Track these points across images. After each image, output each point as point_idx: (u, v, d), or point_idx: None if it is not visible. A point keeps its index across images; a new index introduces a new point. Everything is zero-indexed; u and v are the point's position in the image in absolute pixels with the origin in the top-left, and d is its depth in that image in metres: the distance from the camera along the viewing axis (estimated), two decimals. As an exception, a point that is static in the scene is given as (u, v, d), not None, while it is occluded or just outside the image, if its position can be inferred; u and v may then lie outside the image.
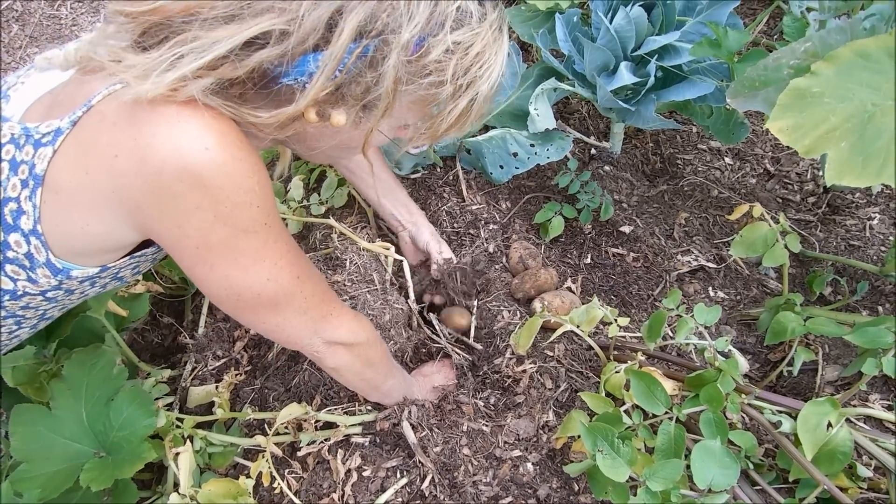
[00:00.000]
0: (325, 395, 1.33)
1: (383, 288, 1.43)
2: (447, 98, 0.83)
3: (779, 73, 1.08)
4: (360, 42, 0.75)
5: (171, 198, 0.76)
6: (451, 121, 0.85)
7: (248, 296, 0.88)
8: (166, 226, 0.80)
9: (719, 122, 1.59)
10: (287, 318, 0.95)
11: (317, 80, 0.75)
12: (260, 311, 0.92)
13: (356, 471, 1.20)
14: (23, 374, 1.27)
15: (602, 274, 1.54)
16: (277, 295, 0.90)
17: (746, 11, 2.16)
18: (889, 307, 1.45)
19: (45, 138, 0.81)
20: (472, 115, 0.87)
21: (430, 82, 0.80)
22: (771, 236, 1.31)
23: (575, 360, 1.34)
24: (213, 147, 0.75)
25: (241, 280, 0.86)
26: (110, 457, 1.16)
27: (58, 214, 0.83)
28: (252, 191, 0.80)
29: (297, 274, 0.91)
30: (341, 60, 0.75)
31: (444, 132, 0.89)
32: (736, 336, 1.44)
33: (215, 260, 0.83)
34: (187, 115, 0.75)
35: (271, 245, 0.86)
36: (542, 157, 1.61)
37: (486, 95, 0.86)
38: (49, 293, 0.93)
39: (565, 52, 1.55)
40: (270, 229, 0.85)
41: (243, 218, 0.81)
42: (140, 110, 0.75)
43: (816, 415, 1.04)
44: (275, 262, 0.87)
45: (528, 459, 1.20)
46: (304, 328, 0.98)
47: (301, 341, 1.00)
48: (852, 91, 0.95)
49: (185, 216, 0.78)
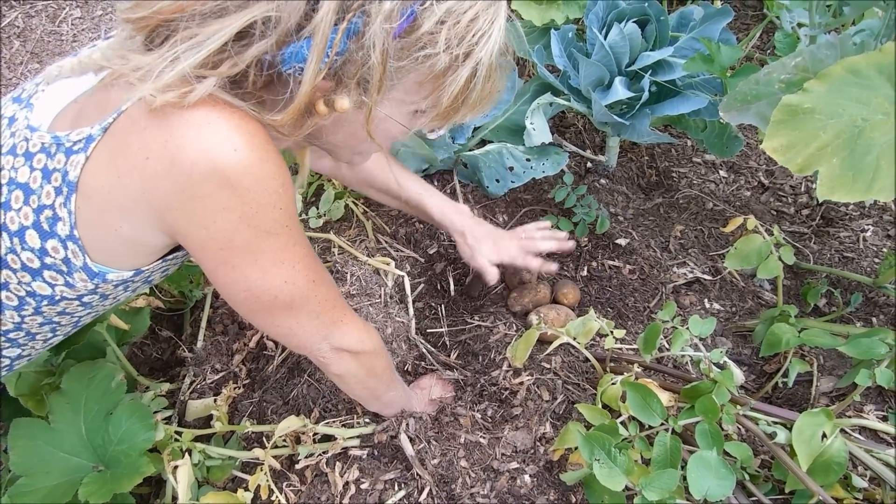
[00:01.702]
0: (323, 407, 1.33)
1: (384, 301, 1.44)
2: (445, 70, 0.81)
3: (770, 88, 1.10)
4: (343, 18, 0.74)
5: (200, 198, 0.78)
6: (454, 94, 0.82)
7: (265, 298, 0.89)
8: (194, 226, 0.81)
9: (713, 136, 1.61)
10: (300, 322, 0.95)
11: (310, 64, 0.74)
12: (275, 313, 0.93)
13: (354, 483, 1.20)
14: (26, 384, 1.28)
15: (598, 286, 1.56)
16: (293, 298, 0.91)
17: (740, 27, 2.19)
18: (883, 318, 1.47)
19: (76, 146, 0.82)
20: (478, 89, 0.84)
21: (425, 55, 0.78)
22: (765, 248, 1.32)
23: (571, 373, 1.34)
24: (242, 148, 0.76)
25: (260, 281, 0.87)
26: (109, 471, 1.16)
27: (92, 219, 0.84)
28: (276, 192, 0.81)
29: (312, 278, 0.92)
30: (328, 40, 0.74)
31: (452, 111, 0.86)
32: (732, 347, 1.45)
33: (237, 261, 0.85)
34: (216, 118, 0.76)
35: (291, 248, 0.87)
36: (538, 171, 1.63)
37: (489, 66, 0.83)
38: (85, 297, 0.94)
39: (561, 67, 1.57)
40: (291, 232, 0.86)
41: (267, 219, 0.82)
42: (171, 114, 0.76)
43: (811, 426, 1.05)
44: (293, 265, 0.88)
45: (525, 471, 1.21)
46: (315, 332, 0.99)
47: (311, 346, 1.01)
48: (843, 107, 0.96)
49: (213, 217, 0.80)
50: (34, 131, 0.86)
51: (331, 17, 0.73)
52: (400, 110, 0.87)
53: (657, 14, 1.46)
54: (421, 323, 1.49)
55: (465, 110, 0.87)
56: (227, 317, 1.57)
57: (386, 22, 0.74)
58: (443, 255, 1.60)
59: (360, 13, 0.74)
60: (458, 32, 0.78)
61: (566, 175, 1.63)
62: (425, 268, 1.60)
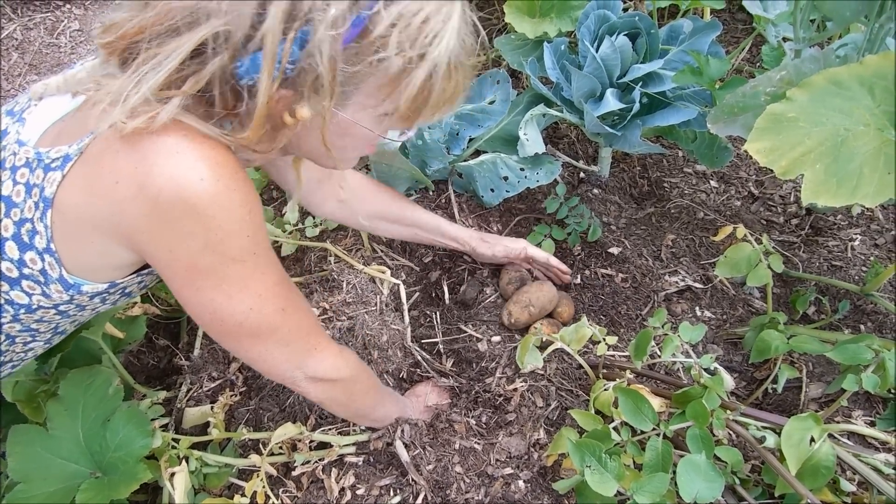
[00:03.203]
0: (319, 414, 1.34)
1: (380, 309, 1.46)
2: (400, 73, 0.82)
3: (756, 100, 1.12)
4: (291, 27, 0.75)
5: (166, 223, 0.80)
6: (411, 96, 0.83)
7: (230, 322, 0.91)
8: (159, 249, 0.84)
9: (703, 147, 1.64)
10: (268, 349, 0.97)
11: (262, 74, 0.76)
12: (242, 339, 0.94)
13: (350, 489, 1.21)
14: (22, 391, 1.28)
15: (591, 294, 1.58)
16: (259, 325, 0.93)
17: (730, 39, 2.22)
18: (871, 326, 1.49)
19: (54, 163, 0.85)
20: (438, 90, 0.84)
21: (378, 59, 0.79)
22: (754, 257, 1.34)
23: (565, 379, 1.36)
24: (208, 178, 0.79)
25: (224, 306, 0.89)
26: (106, 477, 1.17)
27: (67, 234, 0.87)
28: (243, 220, 0.83)
29: (281, 306, 0.93)
30: (277, 50, 0.75)
31: (414, 112, 0.87)
32: (722, 354, 1.47)
33: (202, 284, 0.87)
34: (185, 146, 0.79)
35: (258, 275, 0.89)
36: (532, 180, 1.65)
37: (448, 66, 0.83)
38: (61, 307, 0.96)
39: (553, 79, 1.60)
40: (259, 259, 0.88)
41: (233, 246, 0.84)
42: (142, 139, 0.79)
43: (800, 430, 1.07)
44: (259, 293, 0.90)
45: (519, 477, 1.22)
46: (285, 361, 1.00)
47: (283, 374, 1.02)
48: (826, 116, 0.99)
49: (177, 241, 0.82)
50: (22, 146, 0.89)
51: (277, 28, 0.75)
52: (366, 115, 0.88)
53: (647, 27, 1.50)
54: (416, 331, 1.51)
55: (428, 111, 0.88)
56: (224, 325, 1.58)
57: (331, 28, 0.75)
58: (437, 264, 1.62)
59: (306, 22, 0.75)
60: (411, 35, 0.79)
61: (559, 186, 1.66)
62: (420, 276, 1.61)
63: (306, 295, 1.54)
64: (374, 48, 0.79)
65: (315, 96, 0.80)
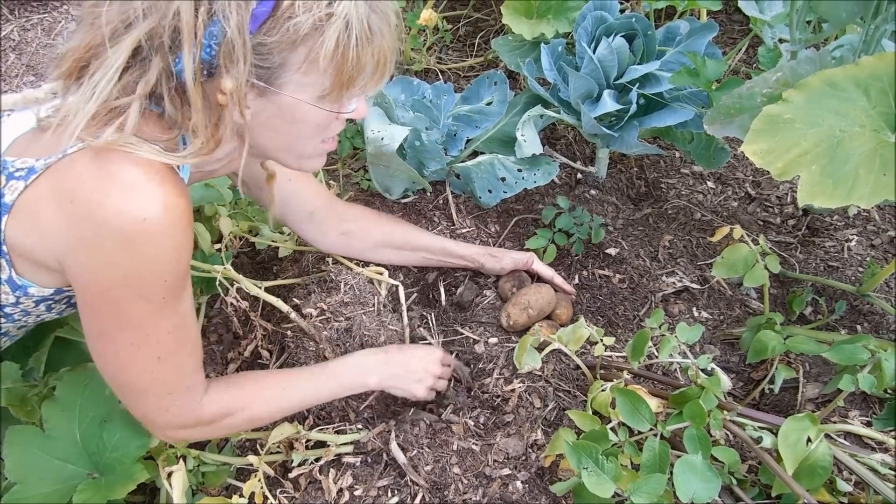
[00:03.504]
0: (317, 415, 1.34)
1: (378, 310, 1.46)
2: (312, 33, 0.86)
3: (752, 101, 1.13)
4: (200, 7, 0.81)
5: (100, 249, 0.88)
6: (329, 54, 0.87)
7: (109, 349, 0.98)
8: (85, 268, 0.91)
9: (700, 148, 1.64)
10: (128, 386, 1.02)
11: (184, 55, 0.82)
12: (110, 367, 1.01)
13: (348, 490, 1.21)
14: (14, 396, 1.28)
15: (589, 295, 1.58)
16: (131, 362, 0.98)
17: (727, 41, 2.23)
18: (867, 326, 1.49)
19: (18, 173, 0.90)
20: (358, 52, 0.88)
21: (292, 24, 0.84)
22: (751, 257, 1.35)
23: (562, 380, 1.36)
24: (152, 220, 0.86)
25: (112, 333, 0.96)
26: (103, 477, 1.17)
27: (18, 239, 0.92)
28: (167, 263, 0.91)
29: (159, 355, 0.99)
30: (192, 30, 0.81)
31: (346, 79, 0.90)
32: (719, 355, 1.47)
33: (105, 308, 0.94)
34: (142, 184, 0.86)
35: (155, 318, 0.95)
36: (530, 181, 1.66)
37: (362, 25, 0.87)
38: (7, 308, 1.01)
39: (551, 80, 1.60)
40: (165, 304, 0.94)
41: (147, 285, 0.91)
42: (105, 169, 0.85)
43: (796, 430, 1.07)
44: (147, 334, 0.96)
45: (517, 478, 1.22)
46: (136, 404, 1.06)
47: (133, 413, 1.08)
48: (822, 117, 1.00)
49: (104, 267, 0.89)
50: None
51: (188, 13, 0.81)
52: (304, 94, 0.92)
53: (644, 29, 1.50)
54: (414, 332, 1.51)
55: (360, 79, 0.92)
56: (222, 326, 1.59)
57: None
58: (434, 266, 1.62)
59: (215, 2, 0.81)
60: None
61: (560, 198, 1.64)
62: (417, 278, 1.61)
63: (303, 296, 1.55)
64: (287, 15, 0.84)
65: (232, 65, 0.84)
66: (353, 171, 1.86)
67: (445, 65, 2.20)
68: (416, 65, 2.13)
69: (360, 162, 1.89)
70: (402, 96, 1.75)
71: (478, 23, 2.34)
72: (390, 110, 1.64)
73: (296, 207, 1.39)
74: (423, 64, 2.13)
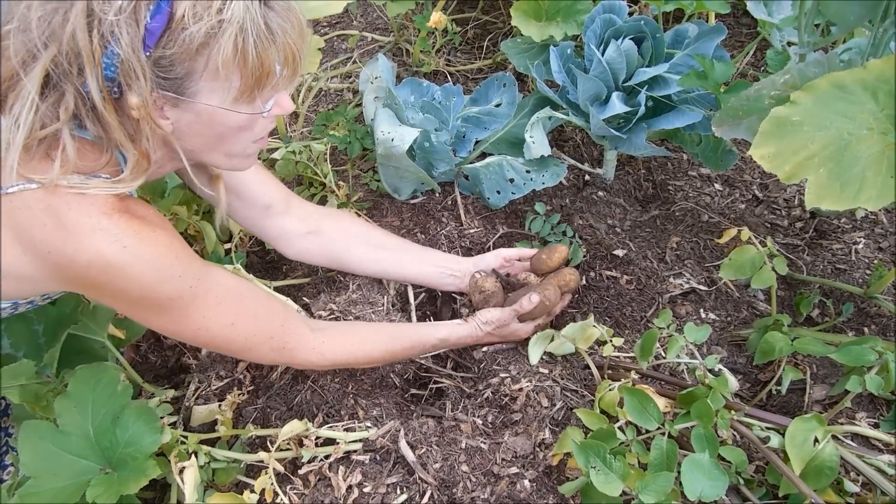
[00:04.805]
0: (326, 413, 1.36)
1: (386, 309, 1.47)
2: (208, 41, 0.87)
3: (760, 104, 1.14)
4: (93, 30, 0.83)
5: (99, 286, 0.94)
6: (228, 59, 0.87)
7: (187, 336, 1.06)
8: (103, 300, 0.99)
9: (708, 150, 1.65)
10: (243, 353, 1.12)
11: (89, 79, 0.84)
12: (207, 346, 1.14)
13: (357, 487, 1.22)
14: (29, 393, 1.30)
15: (597, 296, 1.58)
16: (213, 339, 1.06)
17: (734, 44, 2.24)
18: (874, 328, 1.50)
19: None
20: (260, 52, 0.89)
21: (188, 34, 0.85)
22: (758, 259, 1.35)
23: (570, 380, 1.37)
24: (131, 244, 0.91)
25: (175, 328, 1.03)
26: (116, 473, 1.18)
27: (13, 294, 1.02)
28: (170, 265, 0.95)
29: (230, 321, 1.05)
30: (91, 55, 0.83)
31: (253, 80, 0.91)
32: (726, 356, 1.48)
33: (150, 316, 1.01)
34: (105, 223, 0.90)
35: (197, 303, 1.01)
36: (538, 182, 1.67)
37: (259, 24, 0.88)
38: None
39: (559, 82, 1.61)
40: (195, 290, 1.00)
41: (165, 291, 0.96)
42: (66, 218, 0.89)
43: (803, 430, 1.08)
44: (202, 315, 1.02)
45: (525, 476, 1.23)
46: (264, 358, 1.17)
47: (266, 363, 1.20)
48: (829, 120, 1.00)
49: (113, 296, 0.96)
50: None
51: (83, 30, 0.82)
52: (219, 100, 0.93)
53: (653, 31, 1.51)
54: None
55: (271, 80, 0.93)
56: (232, 325, 1.60)
57: (120, 14, 0.82)
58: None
59: (101, 20, 0.83)
60: (204, 4, 0.85)
61: (537, 204, 1.65)
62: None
63: (313, 296, 1.56)
64: (181, 26, 0.85)
65: (134, 82, 0.86)
66: (362, 171, 1.87)
67: (454, 67, 2.21)
68: (425, 67, 2.14)
69: (369, 163, 1.90)
70: (412, 98, 1.76)
71: (486, 25, 2.36)
72: (400, 112, 1.66)
73: (249, 200, 1.36)
74: (431, 66, 2.15)
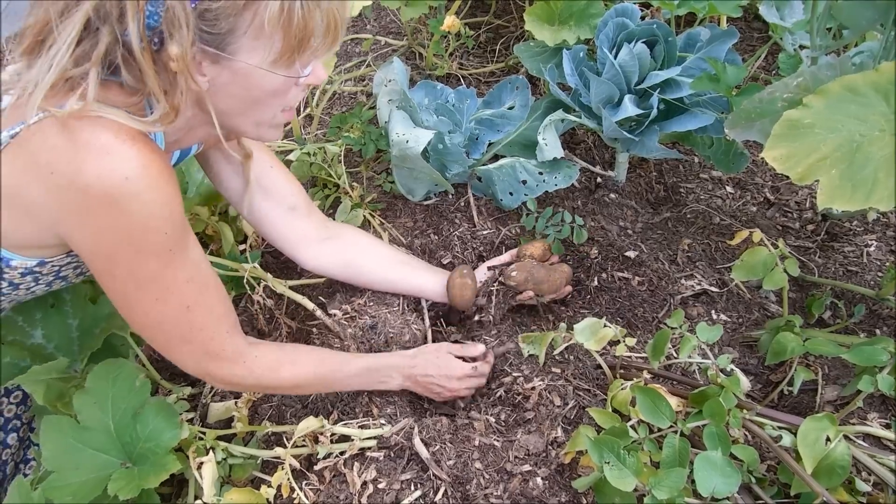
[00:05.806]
0: (341, 410, 1.38)
1: (402, 310, 1.49)
2: None
3: (773, 106, 1.15)
4: None
5: (91, 215, 0.91)
6: (273, 19, 0.88)
7: (138, 311, 1.01)
8: (84, 237, 0.95)
9: (720, 153, 1.66)
10: (171, 343, 1.07)
11: (131, 25, 0.85)
12: (148, 329, 1.05)
13: (372, 483, 1.24)
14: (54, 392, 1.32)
15: (608, 297, 1.60)
16: (163, 317, 1.02)
17: (746, 48, 2.24)
18: (886, 330, 1.50)
19: None
20: (305, 16, 0.89)
21: None
22: (770, 260, 1.36)
23: (582, 379, 1.38)
24: (133, 178, 0.89)
25: (135, 295, 0.99)
26: (136, 467, 1.21)
27: (12, 233, 0.97)
28: (162, 218, 0.93)
29: (187, 303, 1.01)
30: (136, 1, 0.84)
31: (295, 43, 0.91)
32: (738, 357, 1.48)
33: (118, 272, 0.97)
34: (116, 147, 0.88)
35: (170, 270, 0.98)
36: (551, 184, 1.68)
37: None
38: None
39: (572, 85, 1.63)
40: (174, 255, 0.97)
41: (150, 241, 0.94)
42: (77, 135, 0.88)
43: (815, 430, 1.08)
44: (167, 287, 0.99)
45: (537, 474, 1.24)
46: (188, 357, 1.10)
47: (191, 370, 1.12)
48: (841, 122, 1.01)
49: (100, 231, 0.93)
50: None
51: None
52: (259, 59, 0.93)
53: (665, 35, 1.52)
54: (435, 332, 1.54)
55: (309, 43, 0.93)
56: (247, 323, 1.62)
57: None
58: (456, 266, 1.65)
59: None
60: None
61: (529, 201, 1.66)
62: (439, 278, 1.64)
63: (328, 295, 1.58)
64: None
65: (176, 32, 0.86)
66: (375, 173, 1.89)
67: (467, 70, 2.23)
68: (438, 70, 2.16)
69: (382, 164, 1.92)
70: (426, 100, 1.78)
71: (498, 29, 2.38)
72: (415, 114, 1.68)
73: (277, 199, 1.37)
74: (445, 69, 2.17)
